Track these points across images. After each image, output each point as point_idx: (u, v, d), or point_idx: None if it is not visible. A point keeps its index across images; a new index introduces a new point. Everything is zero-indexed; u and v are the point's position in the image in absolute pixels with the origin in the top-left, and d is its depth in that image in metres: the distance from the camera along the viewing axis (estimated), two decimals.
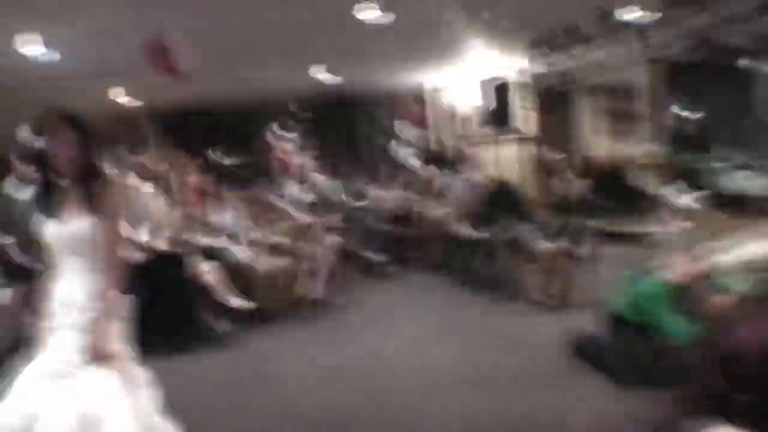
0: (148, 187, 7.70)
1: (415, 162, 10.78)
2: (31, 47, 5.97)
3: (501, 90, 10.34)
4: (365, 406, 4.30)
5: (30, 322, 3.06)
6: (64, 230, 2.81)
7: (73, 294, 2.81)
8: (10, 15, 5.15)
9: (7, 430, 2.71)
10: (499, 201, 6.90)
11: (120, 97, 9.47)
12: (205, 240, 7.08)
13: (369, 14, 6.25)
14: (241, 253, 6.94)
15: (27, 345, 2.93)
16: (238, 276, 6.89)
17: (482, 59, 9.45)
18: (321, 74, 9.84)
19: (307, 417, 4.25)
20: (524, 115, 11.18)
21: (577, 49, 7.83)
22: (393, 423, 4.01)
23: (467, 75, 10.79)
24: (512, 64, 10.33)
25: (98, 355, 2.71)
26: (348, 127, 12.01)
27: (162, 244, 6.28)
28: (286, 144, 11.13)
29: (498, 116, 10.29)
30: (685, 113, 9.46)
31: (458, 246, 7.39)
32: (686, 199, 6.35)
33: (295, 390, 4.81)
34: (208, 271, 6.41)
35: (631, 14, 6.91)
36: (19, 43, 5.88)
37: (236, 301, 6.38)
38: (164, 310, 6.12)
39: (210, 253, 6.78)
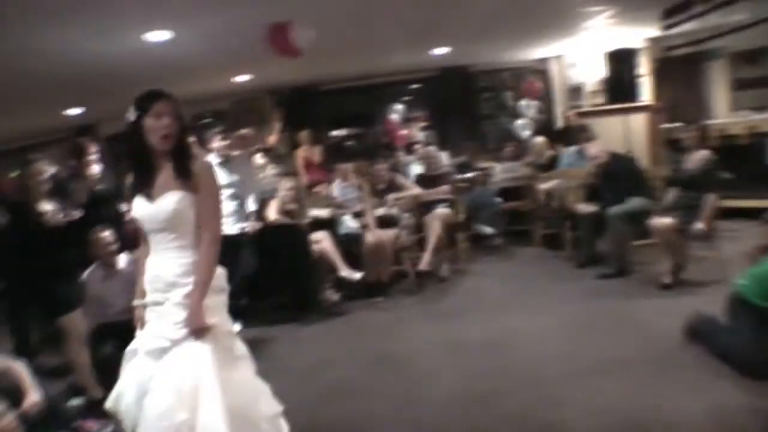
0: (264, 161, 7.91)
1: (531, 135, 10.54)
2: (157, 33, 6.16)
3: (626, 60, 9.88)
4: (485, 383, 4.22)
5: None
6: (156, 206, 2.81)
7: (166, 270, 2.84)
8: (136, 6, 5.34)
9: (123, 405, 2.84)
10: (616, 174, 6.63)
11: (242, 77, 9.69)
12: (317, 211, 7.20)
13: None
14: (352, 224, 7.01)
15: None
16: (349, 247, 6.98)
17: (607, 30, 9.08)
18: (441, 50, 9.74)
19: (429, 392, 4.20)
20: (649, 86, 10.72)
21: (714, 15, 7.34)
22: (517, 405, 3.83)
23: (591, 46, 10.42)
24: (639, 34, 9.88)
25: (196, 329, 2.74)
26: (466, 102, 11.85)
27: (276, 215, 6.41)
28: (401, 118, 11.15)
29: (622, 87, 9.85)
30: None
31: (571, 220, 7.19)
32: None
33: (411, 362, 4.81)
34: (320, 242, 6.52)
35: None
36: (146, 31, 6.08)
37: (347, 272, 6.46)
38: (277, 279, 6.29)
39: (322, 224, 6.90)
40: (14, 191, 5.43)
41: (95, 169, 5.85)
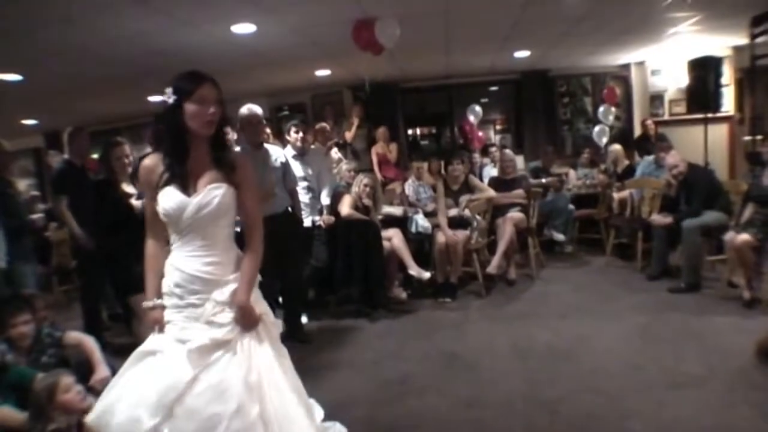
0: (339, 155, 8.02)
1: (608, 142, 10.41)
2: (242, 26, 6.32)
3: (709, 69, 9.62)
4: (549, 389, 4.23)
5: None
6: (196, 200, 2.59)
7: (203, 269, 2.64)
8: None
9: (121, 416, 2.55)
10: (693, 186, 6.51)
11: (323, 71, 9.83)
12: (390, 208, 7.27)
13: None
14: (424, 223, 7.06)
15: None
16: (420, 246, 7.04)
17: (692, 37, 8.89)
18: (522, 54, 9.72)
19: (492, 395, 4.22)
20: (732, 96, 10.45)
21: None
22: (582, 414, 3.80)
23: (674, 53, 10.22)
24: (724, 42, 9.65)
25: (250, 323, 2.68)
26: (545, 106, 11.78)
27: (349, 210, 6.51)
28: (478, 119, 11.15)
29: (704, 97, 9.59)
30: None
31: (644, 230, 7.09)
32: None
33: (475, 363, 4.83)
34: (390, 239, 6.59)
35: None
36: (233, 23, 6.24)
37: (416, 270, 6.52)
38: (347, 273, 6.38)
39: (394, 221, 6.96)
40: (98, 171, 5.64)
41: None
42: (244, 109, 5.44)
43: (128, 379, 2.63)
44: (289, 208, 5.69)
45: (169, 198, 2.60)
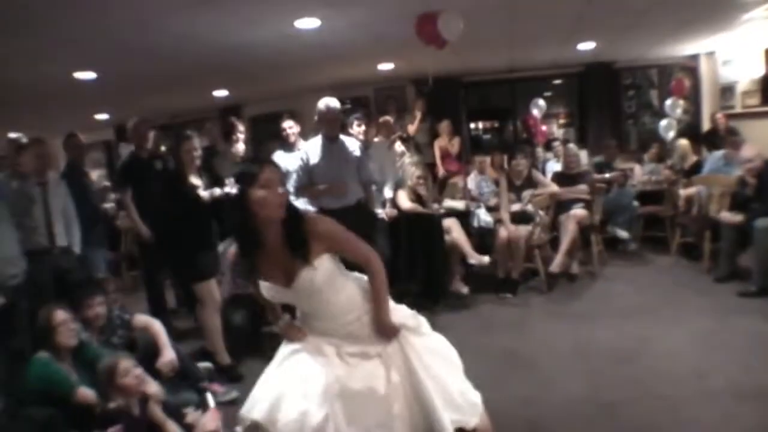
0: (402, 149, 8.03)
1: (675, 136, 10.13)
2: (306, 21, 6.37)
3: None
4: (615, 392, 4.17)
5: None
6: (300, 290, 2.62)
7: (344, 313, 2.75)
8: None
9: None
10: (767, 182, 6.27)
11: (386, 65, 9.84)
12: (452, 202, 7.27)
13: None
14: (486, 217, 7.04)
15: None
16: (482, 240, 7.00)
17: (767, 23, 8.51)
18: (586, 45, 9.54)
19: (550, 394, 4.21)
20: None
21: None
22: (642, 420, 3.73)
23: (747, 41, 9.83)
24: None
25: (386, 336, 2.77)
26: (609, 99, 11.56)
27: (408, 204, 6.53)
28: (542, 113, 11.03)
29: None
30: None
31: (712, 229, 6.87)
32: None
33: (535, 362, 4.83)
34: (450, 230, 6.59)
35: None
36: (296, 19, 6.30)
37: (476, 258, 6.51)
38: (409, 266, 6.41)
39: (455, 215, 6.95)
40: (166, 161, 5.90)
41: (240, 147, 6.25)
42: (322, 104, 5.61)
43: (285, 373, 2.64)
44: (360, 201, 5.77)
45: (271, 291, 2.69)
